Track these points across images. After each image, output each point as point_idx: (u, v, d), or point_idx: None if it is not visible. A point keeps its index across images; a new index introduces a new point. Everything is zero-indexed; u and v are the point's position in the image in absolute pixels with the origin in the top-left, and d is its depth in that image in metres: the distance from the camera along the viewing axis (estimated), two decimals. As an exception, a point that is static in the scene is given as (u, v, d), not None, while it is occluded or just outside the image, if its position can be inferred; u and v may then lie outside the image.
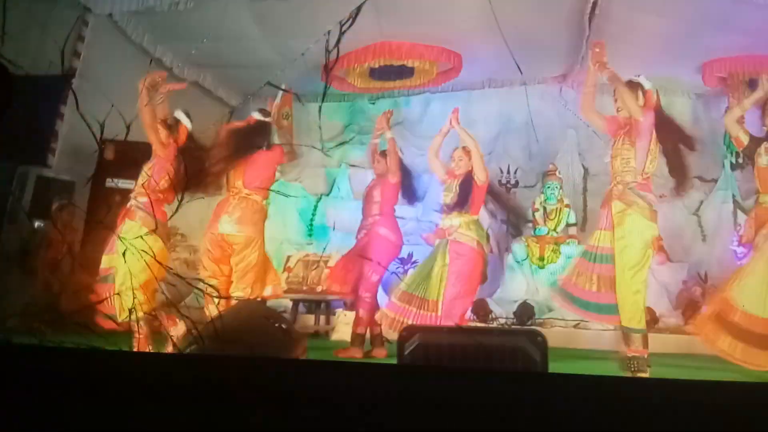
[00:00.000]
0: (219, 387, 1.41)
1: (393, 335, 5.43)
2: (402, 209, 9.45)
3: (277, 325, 1.93)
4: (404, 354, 1.72)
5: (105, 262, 4.90)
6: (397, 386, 1.46)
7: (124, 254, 4.35)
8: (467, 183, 5.54)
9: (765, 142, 4.76)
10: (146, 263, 4.16)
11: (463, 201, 5.46)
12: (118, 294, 4.59)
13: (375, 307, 5.91)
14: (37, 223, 6.68)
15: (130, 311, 4.38)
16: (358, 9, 5.22)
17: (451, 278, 5.21)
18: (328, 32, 2.23)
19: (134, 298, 4.17)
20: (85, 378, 1.50)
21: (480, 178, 5.53)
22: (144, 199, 4.86)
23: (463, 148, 5.69)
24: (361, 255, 5.91)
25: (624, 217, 4.58)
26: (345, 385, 1.45)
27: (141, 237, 4.19)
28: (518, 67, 4.35)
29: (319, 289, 7.61)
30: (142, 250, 4.02)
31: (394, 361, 1.83)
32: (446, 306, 5.14)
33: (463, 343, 1.72)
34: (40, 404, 1.40)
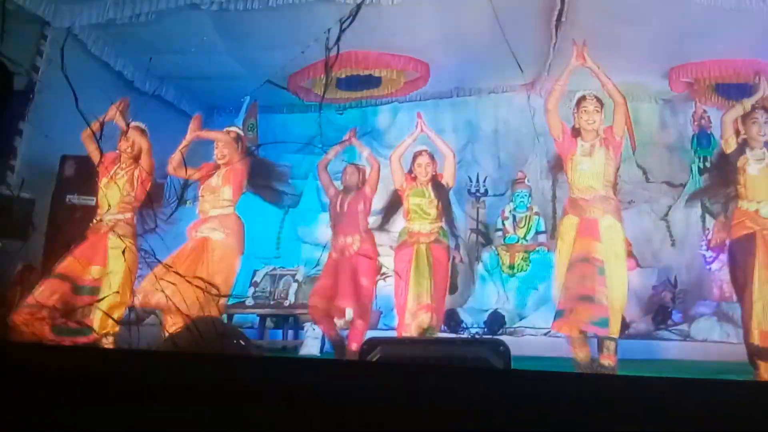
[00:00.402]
0: (173, 385, 1.41)
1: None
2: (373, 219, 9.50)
3: (234, 341, 1.93)
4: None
5: (95, 273, 5.12)
6: (358, 384, 1.47)
7: (124, 252, 4.81)
8: (441, 188, 5.64)
9: (752, 150, 4.83)
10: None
11: (445, 206, 5.65)
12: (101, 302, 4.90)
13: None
14: (-1, 243, 6.58)
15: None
16: (359, 6, 5.30)
17: (437, 283, 5.44)
18: (328, 30, 2.26)
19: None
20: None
21: (450, 183, 5.70)
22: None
23: (427, 152, 5.77)
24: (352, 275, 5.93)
25: (612, 232, 4.71)
26: (307, 382, 1.46)
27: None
28: (519, 66, 4.38)
29: (286, 303, 7.58)
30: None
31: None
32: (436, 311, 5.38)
33: (425, 355, 1.74)
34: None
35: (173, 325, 4.58)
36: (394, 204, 5.93)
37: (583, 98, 4.95)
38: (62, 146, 6.93)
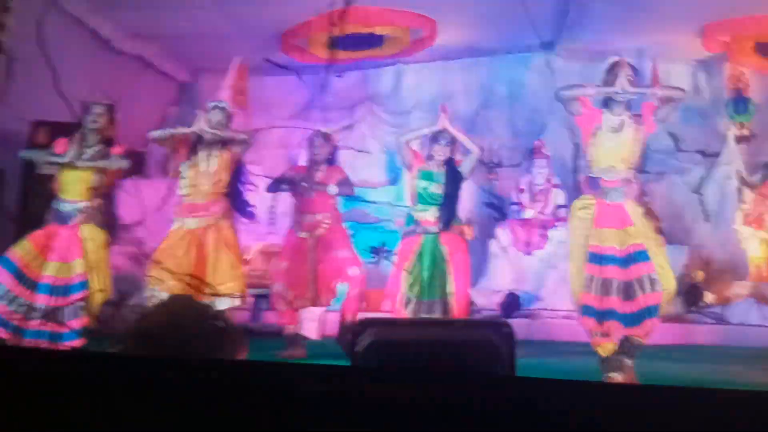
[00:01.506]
0: (144, 388, 1.39)
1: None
2: (375, 192, 9.48)
3: (213, 323, 1.89)
4: (356, 351, 1.69)
5: (78, 267, 5.15)
6: (350, 388, 1.43)
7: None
8: (455, 173, 5.63)
9: None
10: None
11: (452, 194, 5.64)
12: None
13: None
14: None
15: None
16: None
17: (458, 272, 5.50)
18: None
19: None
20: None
21: (465, 175, 5.79)
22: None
23: (449, 133, 5.74)
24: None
25: (639, 216, 4.70)
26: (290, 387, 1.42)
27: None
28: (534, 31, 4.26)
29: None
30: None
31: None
32: (459, 302, 5.45)
33: (422, 338, 1.69)
34: None
35: None
36: None
37: (616, 64, 4.79)
38: (31, 112, 6.88)
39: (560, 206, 9.06)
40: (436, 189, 5.65)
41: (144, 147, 9.39)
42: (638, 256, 4.59)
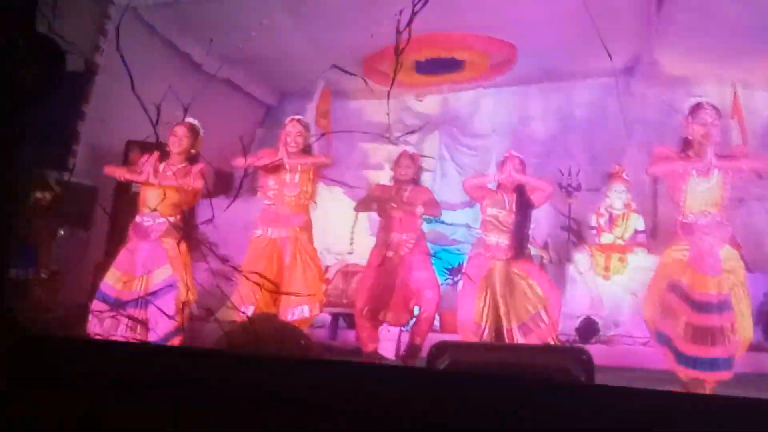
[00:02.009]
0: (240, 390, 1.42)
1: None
2: (452, 215, 9.46)
3: (298, 341, 1.92)
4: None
5: (163, 273, 5.31)
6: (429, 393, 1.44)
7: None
8: (525, 199, 5.57)
9: None
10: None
11: (523, 221, 5.58)
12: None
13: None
14: (57, 231, 6.78)
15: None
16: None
17: (545, 288, 5.46)
18: (400, 12, 2.26)
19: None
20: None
21: (535, 204, 5.71)
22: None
23: (519, 158, 5.69)
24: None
25: (733, 261, 4.63)
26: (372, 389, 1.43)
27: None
28: (608, 54, 4.23)
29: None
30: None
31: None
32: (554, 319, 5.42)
33: (499, 363, 1.68)
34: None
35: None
36: None
37: (698, 106, 4.69)
38: (127, 131, 7.11)
39: (639, 231, 8.88)
40: (506, 216, 5.60)
41: (231, 167, 9.63)
42: (723, 305, 4.49)
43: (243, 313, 4.75)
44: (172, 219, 5.42)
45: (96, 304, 5.17)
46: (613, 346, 7.46)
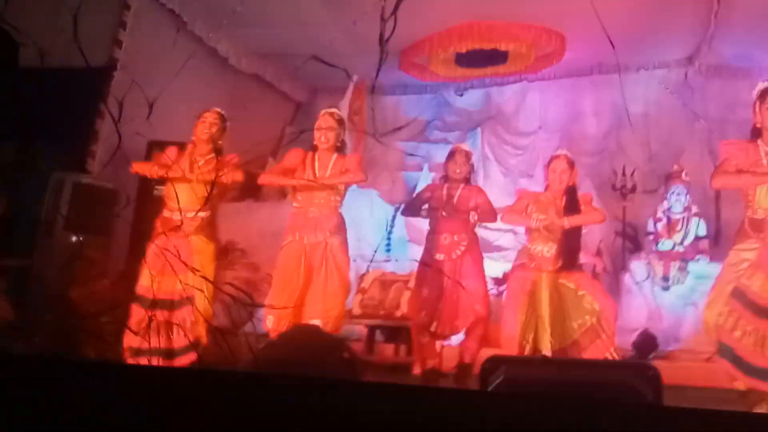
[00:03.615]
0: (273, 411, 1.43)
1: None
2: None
3: (341, 355, 1.93)
4: (488, 390, 1.69)
5: (179, 284, 5.16)
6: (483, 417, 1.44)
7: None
8: (575, 202, 5.51)
9: None
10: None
11: (573, 228, 5.47)
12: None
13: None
14: (74, 237, 6.84)
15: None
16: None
17: (599, 300, 5.31)
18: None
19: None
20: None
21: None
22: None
23: (567, 157, 5.61)
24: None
25: None
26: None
27: None
28: (611, 43, 4.15)
29: (398, 313, 7.59)
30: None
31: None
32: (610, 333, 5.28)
33: (557, 379, 1.68)
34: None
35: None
36: None
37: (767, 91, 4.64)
38: (149, 130, 7.17)
39: (701, 237, 8.77)
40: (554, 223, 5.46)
41: (260, 168, 9.68)
42: None
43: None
44: (203, 215, 5.42)
45: (134, 309, 5.22)
46: (673, 362, 7.37)
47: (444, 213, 6.07)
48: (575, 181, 5.65)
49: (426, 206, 6.27)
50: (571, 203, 5.48)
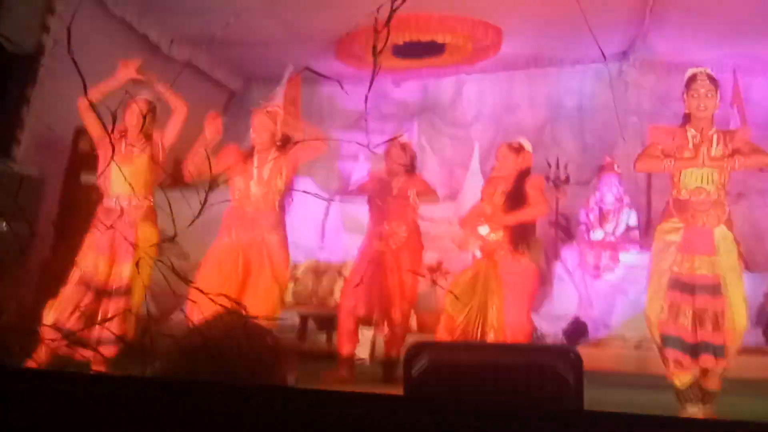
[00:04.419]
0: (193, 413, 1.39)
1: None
2: (433, 209, 9.46)
3: (265, 341, 1.89)
4: (411, 376, 1.68)
5: (124, 272, 5.19)
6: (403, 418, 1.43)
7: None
8: (519, 188, 5.52)
9: None
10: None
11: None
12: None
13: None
14: (-1, 224, 6.67)
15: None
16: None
17: (512, 302, 5.30)
18: (378, 9, 2.22)
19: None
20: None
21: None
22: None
23: (509, 145, 5.65)
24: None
25: (728, 243, 4.62)
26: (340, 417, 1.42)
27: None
28: (601, 52, 4.21)
29: (331, 302, 7.59)
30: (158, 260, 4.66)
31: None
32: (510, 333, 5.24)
33: (481, 363, 1.68)
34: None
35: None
36: None
37: (693, 78, 4.72)
38: (77, 117, 7.05)
39: (632, 227, 8.94)
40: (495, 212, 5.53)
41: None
42: (716, 288, 4.56)
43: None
44: (148, 201, 5.37)
45: (75, 289, 5.11)
46: (604, 349, 7.50)
47: (382, 202, 6.10)
48: (525, 167, 5.63)
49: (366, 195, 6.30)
50: (517, 190, 5.50)
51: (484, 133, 10.10)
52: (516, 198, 5.44)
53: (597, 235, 8.86)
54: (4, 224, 6.56)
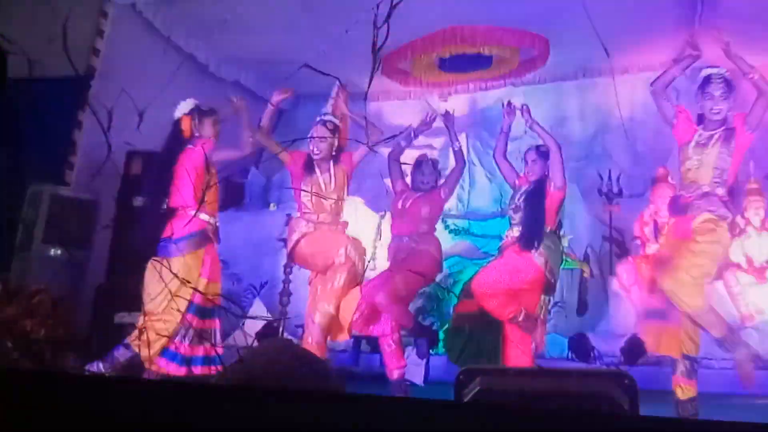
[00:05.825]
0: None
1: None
2: (483, 225, 9.43)
3: (313, 367, 1.91)
4: (462, 402, 1.67)
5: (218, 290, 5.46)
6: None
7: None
8: (537, 191, 5.57)
9: None
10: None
11: (531, 211, 5.57)
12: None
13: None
14: (52, 251, 6.78)
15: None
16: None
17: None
18: (377, 6, 2.22)
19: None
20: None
21: (556, 183, 5.62)
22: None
23: (538, 148, 5.68)
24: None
25: (708, 225, 4.63)
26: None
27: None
28: (605, 51, 4.26)
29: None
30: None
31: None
32: None
33: (534, 389, 1.67)
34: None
35: None
36: None
37: (708, 80, 4.77)
38: (134, 139, 7.15)
39: (688, 240, 8.78)
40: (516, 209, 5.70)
41: (243, 178, 9.64)
42: None
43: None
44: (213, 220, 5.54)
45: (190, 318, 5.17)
46: (663, 368, 7.37)
47: (397, 218, 6.07)
48: (547, 173, 5.72)
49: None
50: (534, 194, 5.64)
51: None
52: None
53: (653, 249, 8.72)
54: (60, 250, 6.71)
